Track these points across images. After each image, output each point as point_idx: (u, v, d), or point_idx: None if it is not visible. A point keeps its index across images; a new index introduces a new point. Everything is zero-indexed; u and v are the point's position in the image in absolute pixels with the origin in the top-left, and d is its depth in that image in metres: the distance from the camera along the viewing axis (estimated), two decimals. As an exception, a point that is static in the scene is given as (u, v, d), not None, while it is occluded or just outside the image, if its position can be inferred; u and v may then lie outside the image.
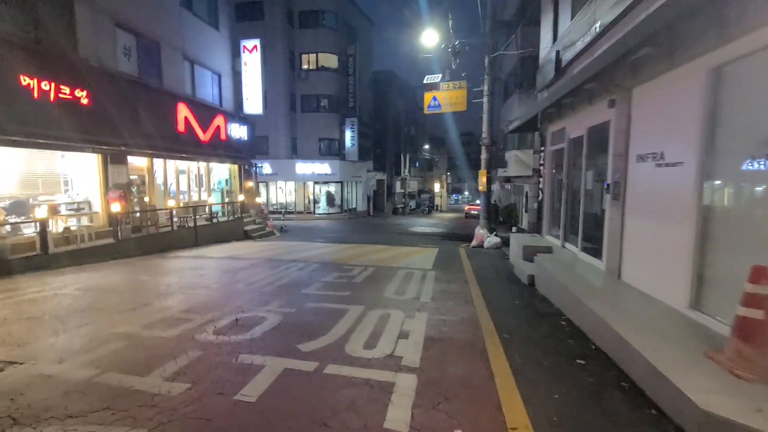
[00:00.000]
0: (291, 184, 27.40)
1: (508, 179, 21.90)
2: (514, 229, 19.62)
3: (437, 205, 50.56)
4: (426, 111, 14.60)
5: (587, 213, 7.08)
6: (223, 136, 15.82)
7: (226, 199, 16.35)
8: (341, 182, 27.89)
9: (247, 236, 15.36)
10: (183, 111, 13.33)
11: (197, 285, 6.57)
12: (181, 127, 13.27)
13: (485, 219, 13.63)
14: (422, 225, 24.68)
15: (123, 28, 11.42)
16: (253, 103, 17.67)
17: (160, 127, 12.43)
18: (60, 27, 9.59)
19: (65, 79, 9.32)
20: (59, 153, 9.72)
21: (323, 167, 26.47)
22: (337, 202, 28.41)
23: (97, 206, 10.35)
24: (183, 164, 14.23)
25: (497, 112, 21.00)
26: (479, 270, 8.41)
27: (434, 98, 14.08)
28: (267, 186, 27.46)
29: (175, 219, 12.39)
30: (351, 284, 6.73)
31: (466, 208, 38.25)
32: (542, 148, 9.33)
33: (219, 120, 15.52)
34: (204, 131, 14.53)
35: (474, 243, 13.06)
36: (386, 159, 39.09)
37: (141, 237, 10.71)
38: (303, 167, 26.28)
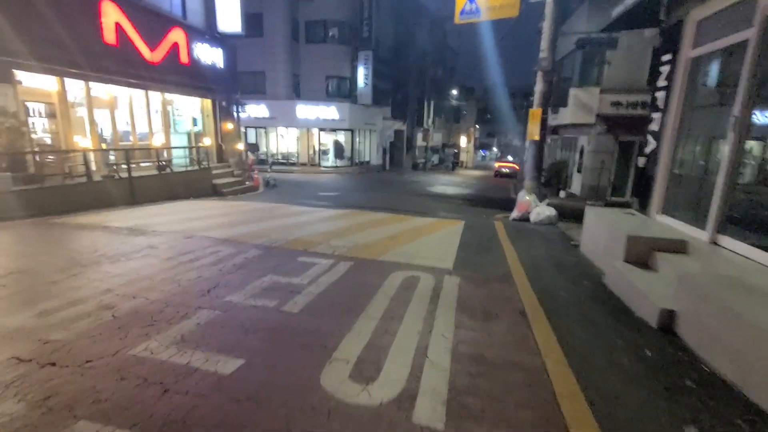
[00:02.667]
0: (293, 132, 23.56)
1: (555, 129, 17.26)
2: (561, 193, 15.44)
3: (463, 161, 45.77)
4: (457, 20, 10.14)
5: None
6: (184, 59, 11.95)
7: (192, 144, 12.80)
8: (351, 130, 23.80)
9: (216, 192, 11.96)
10: (112, 14, 9.45)
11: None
12: (109, 37, 9.47)
13: (533, 180, 9.59)
14: (444, 184, 20.67)
15: None
16: (230, 17, 13.51)
17: (74, 34, 8.68)
18: None
19: None
20: None
21: (330, 111, 22.34)
22: (347, 153, 24.52)
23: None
24: (122, 93, 10.60)
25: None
26: (538, 274, 4.67)
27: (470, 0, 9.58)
28: (266, 133, 23.77)
29: (98, 167, 9.03)
30: (274, 317, 3.19)
31: (496, 165, 33.55)
32: (665, 59, 5.13)
33: (176, 35, 11.58)
34: (152, 48, 10.69)
35: (516, 214, 9.18)
36: (407, 106, 34.24)
37: (33, 191, 7.39)
38: (306, 110, 22.23)
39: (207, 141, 13.17)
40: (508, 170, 30.46)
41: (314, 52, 23.17)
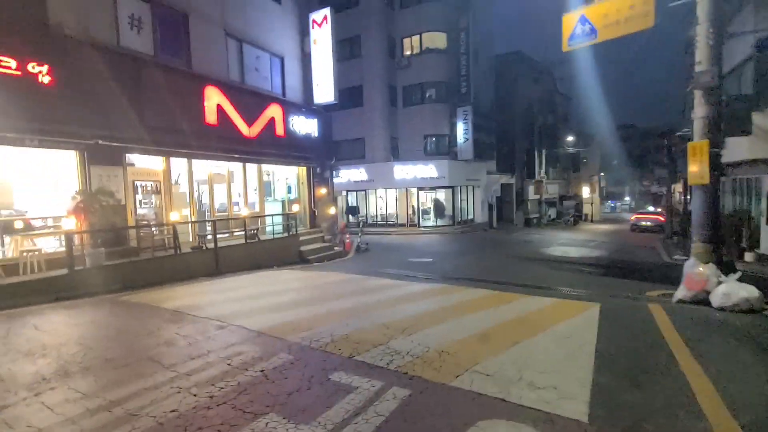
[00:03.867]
0: (391, 193, 23.25)
1: (721, 169, 12.95)
2: (748, 256, 11.03)
3: (586, 215, 39.87)
4: (565, 47, 8.26)
5: None
6: (280, 132, 12.44)
7: (286, 210, 12.84)
8: (452, 187, 22.41)
9: (302, 259, 11.47)
10: (214, 97, 10.24)
11: None
12: (211, 118, 10.17)
13: (706, 242, 6.50)
14: (565, 243, 17.25)
15: (126, -9, 8.77)
16: (324, 89, 13.97)
17: (179, 118, 9.47)
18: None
19: (17, 48, 6.77)
20: (13, 150, 7.19)
21: (428, 170, 21.52)
22: (448, 212, 22.97)
23: (71, 222, 7.57)
24: (221, 167, 11.19)
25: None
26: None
27: (582, 19, 7.71)
28: (365, 195, 23.97)
29: (187, 239, 9.20)
30: None
31: (632, 217, 27.80)
32: None
33: (273, 111, 12.18)
34: (249, 124, 11.28)
35: (684, 293, 6.15)
36: (514, 158, 31.75)
37: (120, 265, 7.57)
38: (403, 171, 21.81)
39: (295, 208, 13.16)
40: (650, 223, 24.78)
41: (412, 114, 23.25)
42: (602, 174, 46.68)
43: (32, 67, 6.98)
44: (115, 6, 8.57)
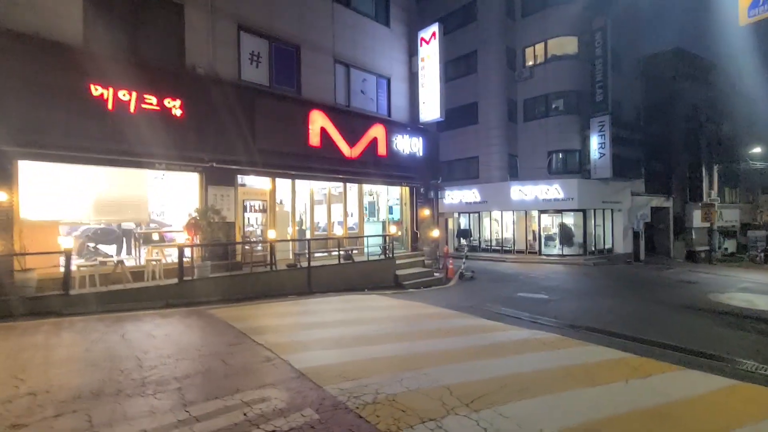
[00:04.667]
0: (508, 215, 21.02)
1: None
2: None
3: (786, 250, 29.74)
4: (744, 19, 5.92)
5: None
6: (382, 152, 12.30)
7: (386, 232, 12.45)
8: (582, 210, 19.05)
9: (397, 283, 10.82)
10: (318, 120, 10.62)
11: None
12: (314, 140, 10.54)
13: None
14: (750, 289, 12.65)
15: (248, 31, 9.81)
16: (431, 106, 13.43)
17: (285, 141, 10.05)
18: (165, 35, 8.52)
19: (159, 87, 8.00)
20: (148, 172, 8.42)
21: (552, 190, 18.76)
22: (577, 239, 19.57)
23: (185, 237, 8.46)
24: (322, 186, 11.46)
25: None
26: None
27: (776, -28, 5.39)
28: (479, 218, 22.23)
29: (287, 256, 9.47)
30: None
31: None
32: None
33: (376, 131, 12.13)
34: (351, 145, 11.39)
35: None
36: (671, 176, 25.85)
37: (222, 278, 8.08)
38: (521, 191, 19.47)
39: (393, 229, 12.64)
40: None
41: (533, 129, 20.89)
42: (814, 196, 34.67)
43: (167, 102, 8.13)
44: (238, 46, 9.62)
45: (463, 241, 23.50)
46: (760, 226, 29.44)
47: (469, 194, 21.68)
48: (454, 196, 22.52)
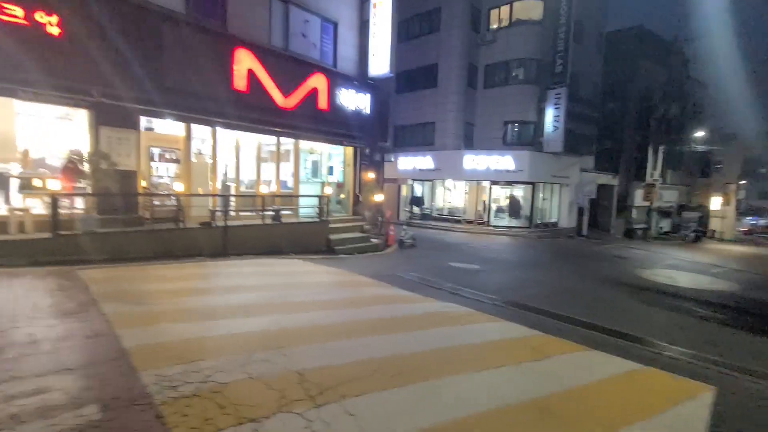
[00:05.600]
0: (461, 185, 20.72)
1: None
2: None
3: (713, 231, 32.05)
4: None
5: None
6: (323, 105, 11.18)
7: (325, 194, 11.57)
8: (532, 183, 19.05)
9: (329, 249, 10.13)
10: (245, 61, 9.28)
11: None
12: (239, 83, 9.25)
13: None
14: (676, 266, 13.14)
15: (155, -60, 8.10)
16: (381, 60, 12.32)
17: (203, 81, 8.70)
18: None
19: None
20: (17, 104, 6.93)
21: (504, 161, 18.50)
22: (525, 211, 19.71)
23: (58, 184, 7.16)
24: (251, 139, 10.29)
25: None
26: None
27: None
28: (432, 186, 21.79)
29: (206, 213, 8.42)
30: None
31: (783, 240, 21.04)
32: None
33: (316, 81, 10.94)
34: (286, 94, 10.19)
35: None
36: (620, 155, 26.55)
37: (111, 235, 6.97)
38: (474, 161, 19.08)
39: (329, 191, 11.79)
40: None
41: (493, 97, 20.27)
42: (742, 183, 37.26)
43: (40, 17, 6.56)
44: (142, -43, 7.95)
45: (416, 209, 23.12)
46: (694, 207, 31.39)
47: (424, 161, 21.05)
48: (408, 163, 21.82)
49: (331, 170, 12.85)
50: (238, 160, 9.93)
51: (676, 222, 29.91)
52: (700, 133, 26.52)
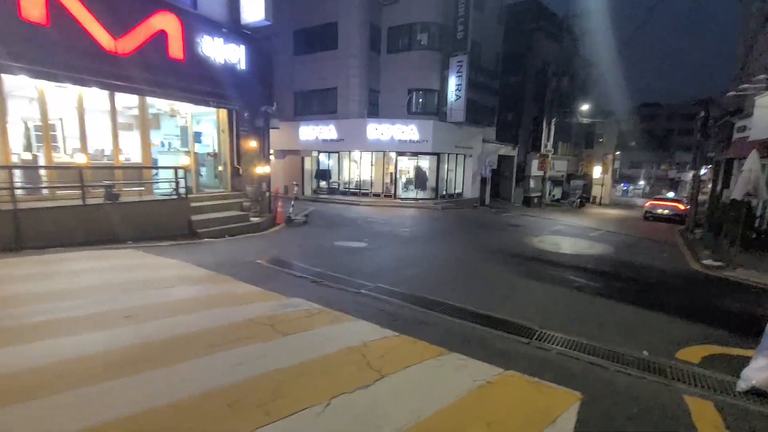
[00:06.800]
0: (367, 156, 19.71)
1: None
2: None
3: (594, 197, 36.04)
4: None
5: None
6: (177, 54, 8.96)
7: (178, 164, 9.51)
8: (437, 154, 18.79)
9: (192, 232, 8.34)
10: (40, -19, 6.71)
11: None
12: (33, 12, 6.73)
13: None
14: (562, 233, 13.85)
15: None
16: (255, 3, 10.32)
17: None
18: None
19: None
20: None
21: (408, 131, 17.86)
22: (431, 183, 19.51)
23: None
24: (67, 93, 7.83)
25: None
26: None
27: None
28: (339, 157, 20.45)
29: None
30: None
31: (647, 204, 24.00)
32: None
33: (164, 22, 8.66)
34: (116, 35, 7.81)
35: (763, 374, 2.90)
36: (519, 127, 27.77)
37: None
38: (377, 130, 18.14)
39: (185, 160, 9.85)
40: (667, 211, 21.11)
41: (397, 62, 19.27)
42: (618, 153, 42.29)
43: None
44: None
45: (322, 183, 21.66)
46: (580, 176, 34.76)
47: (326, 130, 19.49)
48: (311, 132, 20.07)
49: (198, 137, 10.74)
50: (46, 120, 7.45)
51: (566, 190, 32.86)
52: (585, 107, 28.78)
